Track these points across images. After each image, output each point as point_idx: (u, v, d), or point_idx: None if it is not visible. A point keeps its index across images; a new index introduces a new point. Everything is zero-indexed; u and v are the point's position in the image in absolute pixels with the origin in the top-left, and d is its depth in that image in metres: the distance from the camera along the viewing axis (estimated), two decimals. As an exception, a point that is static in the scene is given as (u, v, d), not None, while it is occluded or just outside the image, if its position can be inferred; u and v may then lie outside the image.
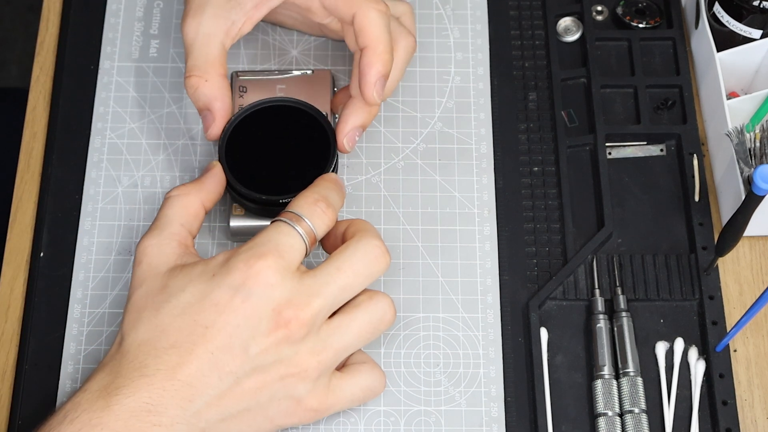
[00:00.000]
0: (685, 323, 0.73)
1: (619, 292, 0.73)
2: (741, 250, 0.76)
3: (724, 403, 0.70)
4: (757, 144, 0.72)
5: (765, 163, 0.71)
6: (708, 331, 0.72)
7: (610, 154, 0.78)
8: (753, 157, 0.72)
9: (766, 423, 0.71)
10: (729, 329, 0.71)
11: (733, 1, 0.77)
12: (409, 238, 0.76)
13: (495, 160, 0.78)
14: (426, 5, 0.83)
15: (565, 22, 0.83)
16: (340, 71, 0.81)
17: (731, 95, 0.79)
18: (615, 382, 0.71)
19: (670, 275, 0.74)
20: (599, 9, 0.83)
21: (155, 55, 0.82)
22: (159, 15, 0.83)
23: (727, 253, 0.71)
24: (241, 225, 0.73)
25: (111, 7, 0.83)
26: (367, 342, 0.67)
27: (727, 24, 0.78)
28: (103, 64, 0.81)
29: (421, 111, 0.80)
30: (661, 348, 0.72)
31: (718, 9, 0.78)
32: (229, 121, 0.73)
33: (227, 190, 0.72)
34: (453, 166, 0.78)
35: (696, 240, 0.75)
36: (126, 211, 0.76)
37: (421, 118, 0.80)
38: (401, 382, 0.71)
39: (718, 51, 0.77)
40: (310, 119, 0.73)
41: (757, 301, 0.65)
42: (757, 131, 0.73)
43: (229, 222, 0.74)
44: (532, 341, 0.72)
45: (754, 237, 0.76)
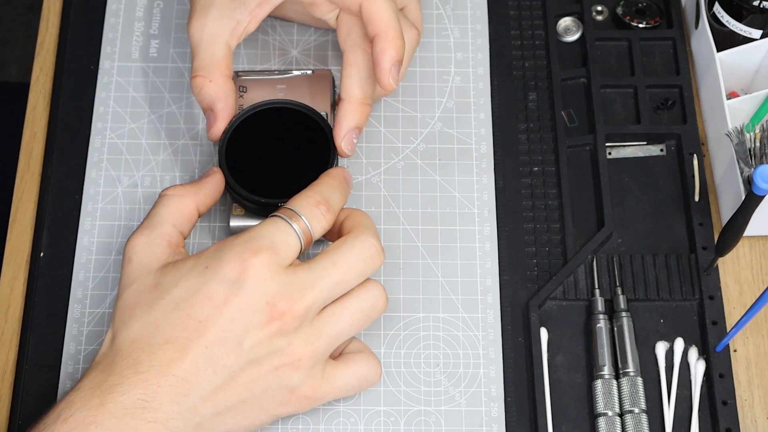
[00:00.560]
0: (685, 323, 0.73)
1: (619, 292, 0.73)
2: (741, 250, 0.76)
3: (724, 403, 0.70)
4: (757, 144, 0.72)
5: (765, 163, 0.71)
6: (708, 331, 0.72)
7: (610, 154, 0.78)
8: (753, 157, 0.72)
9: (766, 423, 0.71)
10: (729, 329, 0.71)
11: (733, 1, 0.77)
12: (409, 238, 0.76)
13: (495, 160, 0.78)
14: (426, 5, 0.83)
15: (565, 22, 0.83)
16: (340, 71, 0.81)
17: (731, 95, 0.79)
18: (615, 382, 0.71)
19: (670, 275, 0.74)
20: (599, 9, 0.83)
21: (155, 55, 0.82)
22: (159, 15, 0.83)
23: (727, 253, 0.71)
24: (241, 225, 0.73)
25: (111, 7, 0.83)
26: (359, 330, 0.67)
27: (727, 24, 0.78)
28: (103, 64, 0.81)
29: (421, 111, 0.80)
30: (661, 348, 0.72)
31: (718, 9, 0.78)
32: (229, 123, 0.73)
33: (227, 190, 0.72)
34: (453, 166, 0.78)
35: (696, 240, 0.75)
36: (126, 211, 0.76)
37: (421, 118, 0.80)
38: (401, 382, 0.71)
39: (718, 51, 0.77)
40: (310, 122, 0.73)
41: (757, 301, 0.65)
42: (757, 131, 0.73)
43: (229, 222, 0.74)
44: (532, 341, 0.72)
45: (754, 237, 0.76)
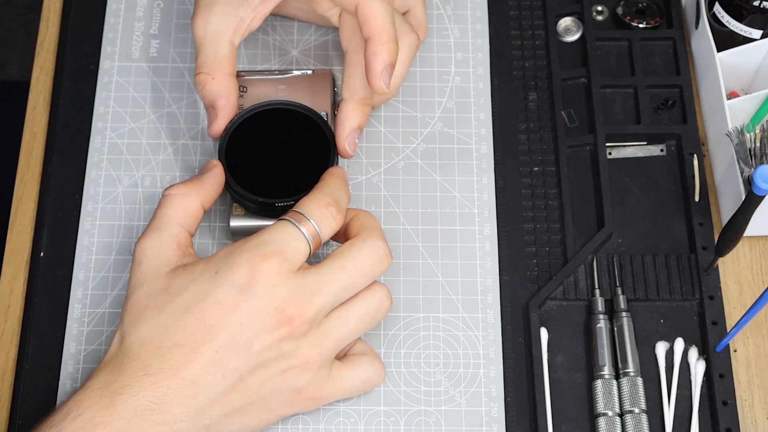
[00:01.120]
0: (685, 323, 0.73)
1: (619, 292, 0.73)
2: (741, 250, 0.76)
3: (724, 403, 0.70)
4: (757, 144, 0.72)
5: (765, 163, 0.71)
6: (708, 331, 0.72)
7: (610, 154, 0.78)
8: (753, 157, 0.72)
9: (766, 423, 0.71)
10: (729, 329, 0.71)
11: (733, 1, 0.77)
12: (409, 238, 0.76)
13: (495, 160, 0.78)
14: (426, 5, 0.83)
15: (565, 22, 0.83)
16: (340, 71, 0.81)
17: (731, 95, 0.79)
18: (615, 382, 0.71)
19: (670, 275, 0.74)
20: (599, 9, 0.83)
21: (155, 55, 0.82)
22: (159, 15, 0.83)
23: (727, 253, 0.71)
24: (241, 225, 0.73)
25: (111, 7, 0.83)
26: (365, 331, 0.68)
27: (727, 24, 0.78)
28: (103, 64, 0.81)
29: (422, 111, 0.80)
30: (661, 348, 0.72)
31: (718, 9, 0.78)
32: (230, 122, 0.73)
33: (226, 189, 0.72)
34: (453, 166, 0.78)
35: (696, 240, 0.75)
36: (126, 211, 0.76)
37: (422, 118, 0.80)
38: (401, 382, 0.71)
39: (718, 51, 0.77)
40: (310, 123, 0.73)
41: (757, 301, 0.65)
42: (757, 131, 0.73)
43: (229, 222, 0.74)
44: (532, 341, 0.72)
45: (754, 237, 0.76)
